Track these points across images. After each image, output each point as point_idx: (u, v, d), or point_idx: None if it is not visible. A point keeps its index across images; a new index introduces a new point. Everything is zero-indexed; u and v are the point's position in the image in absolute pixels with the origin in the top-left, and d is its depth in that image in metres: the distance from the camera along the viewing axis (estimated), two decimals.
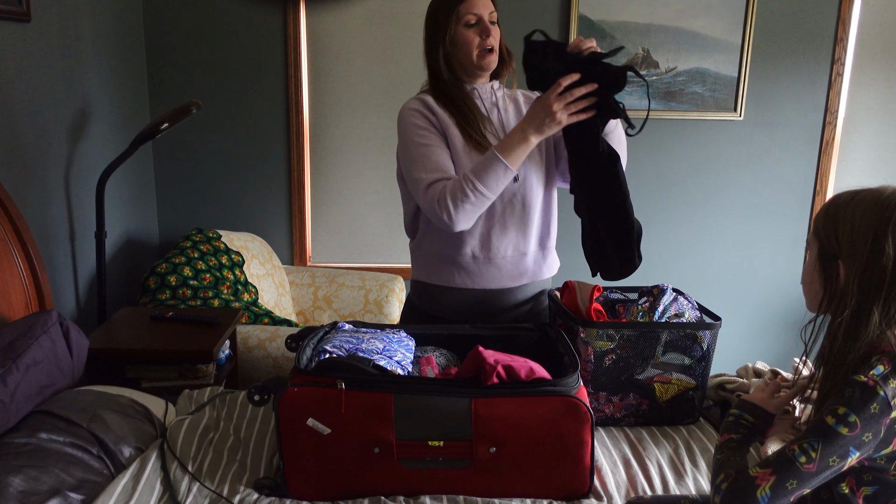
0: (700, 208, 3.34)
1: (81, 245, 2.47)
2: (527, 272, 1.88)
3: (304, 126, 3.13)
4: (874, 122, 3.30)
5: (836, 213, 1.15)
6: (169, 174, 3.15)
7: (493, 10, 1.74)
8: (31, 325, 1.67)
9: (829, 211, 1.17)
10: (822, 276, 1.18)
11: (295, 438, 1.44)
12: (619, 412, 1.79)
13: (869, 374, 1.08)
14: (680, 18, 3.11)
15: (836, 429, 1.07)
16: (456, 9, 1.71)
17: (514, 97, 1.90)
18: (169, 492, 1.46)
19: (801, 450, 1.08)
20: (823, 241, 1.17)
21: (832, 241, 1.15)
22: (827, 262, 1.17)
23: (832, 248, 1.15)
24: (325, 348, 1.57)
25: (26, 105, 2.13)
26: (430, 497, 1.46)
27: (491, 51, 1.74)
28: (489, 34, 1.71)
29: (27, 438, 1.46)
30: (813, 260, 1.20)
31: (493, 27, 1.74)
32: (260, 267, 2.94)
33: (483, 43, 1.72)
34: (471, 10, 1.70)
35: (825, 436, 1.07)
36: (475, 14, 1.71)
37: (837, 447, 1.06)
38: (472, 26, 1.72)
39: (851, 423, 1.06)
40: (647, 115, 1.77)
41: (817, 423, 1.09)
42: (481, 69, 1.76)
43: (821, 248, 1.18)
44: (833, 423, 1.07)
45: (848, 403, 1.07)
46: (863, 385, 1.07)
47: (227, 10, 3.01)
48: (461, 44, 1.73)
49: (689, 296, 1.88)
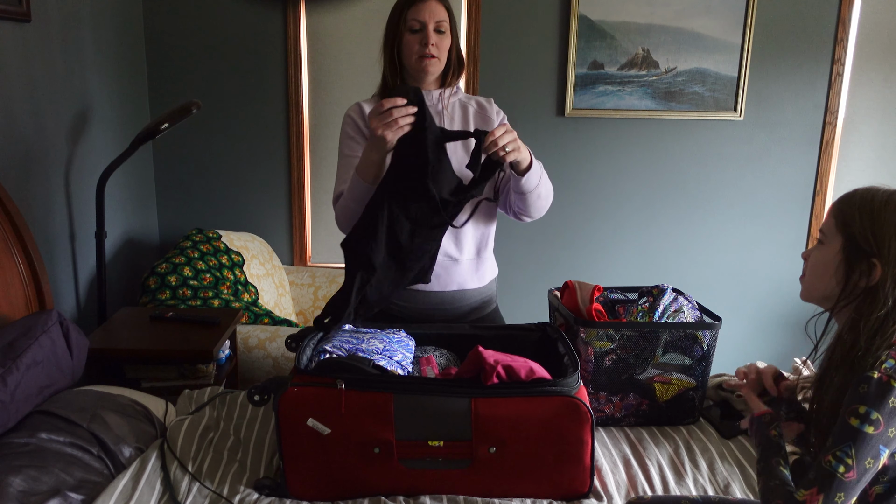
0: (700, 208, 3.34)
1: (81, 245, 2.47)
2: (457, 279, 1.86)
3: (304, 126, 3.13)
4: (874, 122, 3.30)
5: (874, 212, 1.15)
6: (169, 174, 3.15)
7: (442, 19, 1.77)
8: (31, 325, 1.67)
9: (864, 208, 1.16)
10: (845, 271, 1.17)
11: (295, 438, 1.44)
12: (620, 412, 1.79)
13: (882, 368, 1.08)
14: (680, 18, 3.11)
15: (862, 429, 1.07)
16: (404, 14, 1.76)
17: (466, 104, 1.90)
18: (169, 492, 1.46)
19: (837, 459, 1.07)
20: (857, 237, 1.16)
21: (867, 239, 1.14)
22: (856, 258, 1.16)
23: (867, 245, 1.14)
24: (325, 348, 1.57)
25: (26, 105, 2.13)
26: (430, 497, 1.46)
27: (431, 57, 1.76)
28: (428, 42, 1.75)
29: (27, 438, 1.46)
30: (833, 253, 1.19)
31: (440, 35, 1.77)
32: (260, 267, 2.94)
33: (420, 49, 1.75)
34: (415, 16, 1.74)
35: (854, 439, 1.07)
36: (419, 21, 1.74)
37: (869, 448, 1.06)
38: (415, 32, 1.76)
39: (875, 420, 1.06)
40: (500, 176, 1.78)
41: (842, 428, 1.09)
42: (420, 73, 1.79)
43: (850, 242, 1.17)
44: (858, 424, 1.07)
45: (865, 401, 1.07)
46: (877, 381, 1.07)
47: (227, 10, 3.01)
48: (404, 48, 1.78)
49: (689, 296, 1.88)
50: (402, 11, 1.76)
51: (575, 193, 3.28)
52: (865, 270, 1.15)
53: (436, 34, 1.76)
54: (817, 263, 1.23)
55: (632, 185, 3.29)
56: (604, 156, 3.25)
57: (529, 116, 3.17)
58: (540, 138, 3.20)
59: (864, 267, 1.15)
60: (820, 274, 1.22)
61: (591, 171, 3.26)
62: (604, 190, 3.29)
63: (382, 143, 1.56)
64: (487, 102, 1.93)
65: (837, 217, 1.20)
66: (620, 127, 3.22)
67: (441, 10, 1.77)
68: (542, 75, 3.14)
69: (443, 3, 1.78)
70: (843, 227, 1.18)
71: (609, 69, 3.14)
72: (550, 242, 3.33)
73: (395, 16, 1.78)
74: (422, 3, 1.75)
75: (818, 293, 1.23)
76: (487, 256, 1.92)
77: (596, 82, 3.15)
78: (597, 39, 3.10)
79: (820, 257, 1.22)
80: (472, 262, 1.87)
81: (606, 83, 3.15)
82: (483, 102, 1.93)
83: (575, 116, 3.18)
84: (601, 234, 3.34)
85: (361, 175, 1.66)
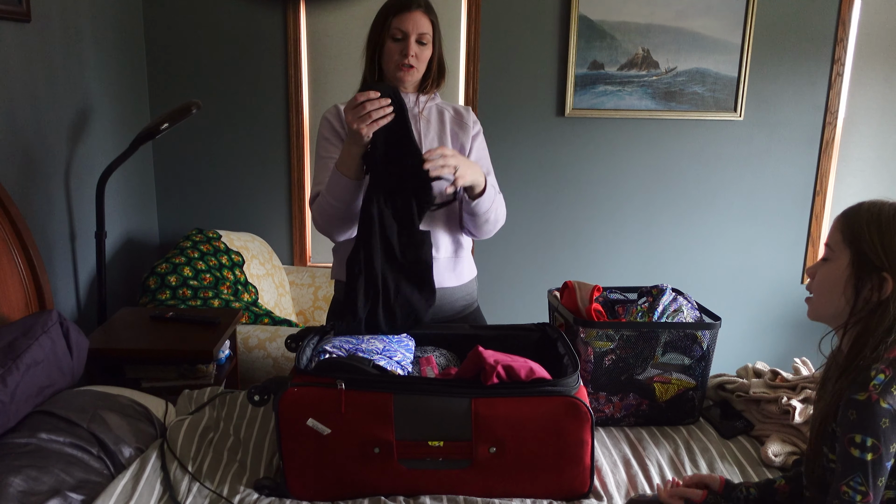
0: (700, 208, 3.34)
1: (81, 245, 2.47)
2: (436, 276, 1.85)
3: (304, 126, 3.13)
4: (874, 122, 3.30)
5: (883, 225, 1.14)
6: (169, 174, 3.15)
7: (425, 31, 1.78)
8: (31, 325, 1.67)
9: (872, 221, 1.15)
10: (855, 286, 1.16)
11: (295, 438, 1.44)
12: (619, 412, 1.79)
13: (870, 385, 1.09)
14: (680, 18, 3.11)
15: (863, 458, 1.08)
16: (389, 21, 1.78)
17: (443, 110, 1.92)
18: (169, 492, 1.46)
19: (853, 489, 1.09)
20: (867, 251, 1.15)
21: (877, 253, 1.14)
22: (866, 273, 1.15)
23: (877, 259, 1.14)
24: (325, 348, 1.57)
25: (26, 105, 2.13)
26: (430, 497, 1.46)
27: (409, 67, 1.78)
28: (408, 53, 1.76)
29: (27, 438, 1.46)
30: (842, 269, 1.18)
31: (421, 47, 1.79)
32: (260, 267, 2.94)
33: (399, 58, 1.78)
34: (399, 25, 1.76)
35: (861, 469, 1.09)
36: (402, 30, 1.76)
37: (877, 470, 1.08)
38: (397, 41, 1.78)
39: (872, 446, 1.08)
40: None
41: (846, 459, 1.10)
42: (396, 80, 1.81)
43: (859, 257, 1.16)
44: (859, 454, 1.09)
45: (857, 428, 1.08)
46: (864, 404, 1.08)
47: (227, 10, 3.01)
48: (385, 53, 1.80)
49: (688, 296, 1.88)
50: (388, 18, 1.78)
51: (575, 193, 3.28)
52: (876, 285, 1.14)
53: (417, 45, 1.78)
54: (825, 280, 1.21)
55: (632, 185, 3.29)
56: (604, 156, 3.25)
57: (529, 116, 3.17)
58: (540, 138, 3.20)
59: (875, 281, 1.14)
60: (828, 291, 1.20)
61: (591, 171, 3.26)
62: (604, 190, 3.29)
63: (358, 137, 1.59)
64: (465, 110, 1.95)
65: (844, 232, 1.18)
66: (620, 127, 3.22)
67: (425, 23, 1.78)
68: (542, 75, 3.14)
69: (428, 16, 1.79)
70: (852, 242, 1.17)
71: (609, 69, 3.14)
72: (550, 242, 3.33)
73: (381, 20, 1.80)
74: (407, 14, 1.76)
75: (828, 311, 1.21)
76: (464, 255, 1.93)
77: (596, 82, 3.15)
78: (597, 39, 3.10)
79: (828, 274, 1.20)
80: (450, 259, 1.88)
81: (606, 83, 3.15)
82: (461, 110, 1.95)
83: (575, 116, 3.18)
84: (601, 234, 3.34)
85: (342, 169, 1.67)
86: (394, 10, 1.77)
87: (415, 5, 1.77)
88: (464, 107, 1.96)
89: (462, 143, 1.90)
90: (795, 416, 1.70)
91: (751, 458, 1.66)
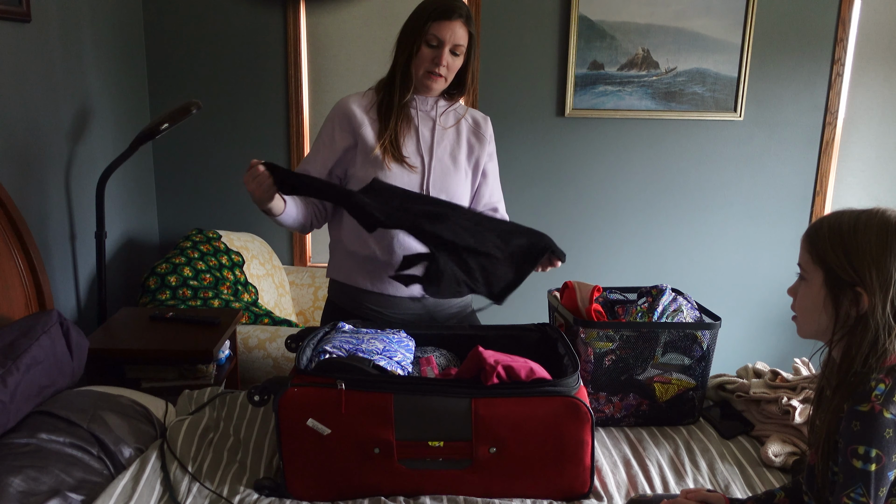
0: (700, 208, 3.34)
1: (81, 245, 2.47)
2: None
3: (304, 126, 3.13)
4: (874, 122, 3.30)
5: (844, 240, 1.14)
6: (169, 174, 3.15)
7: (461, 43, 1.75)
8: (31, 326, 1.67)
9: (834, 239, 1.15)
10: (832, 304, 1.16)
11: (295, 439, 1.44)
12: (619, 412, 1.79)
13: (871, 396, 1.09)
14: (680, 18, 3.11)
15: (866, 469, 1.08)
16: (426, 25, 1.74)
17: (462, 117, 1.91)
18: (169, 492, 1.46)
19: (854, 500, 1.09)
20: (835, 269, 1.15)
21: (845, 270, 1.14)
22: (840, 290, 1.15)
23: (847, 276, 1.14)
24: (325, 349, 1.57)
25: (26, 105, 2.13)
26: (430, 497, 1.46)
27: (438, 76, 1.77)
28: (440, 62, 1.74)
29: (27, 439, 1.46)
30: (817, 289, 1.18)
31: (453, 58, 1.77)
32: (260, 267, 2.94)
33: (431, 66, 1.75)
34: (437, 32, 1.73)
35: (863, 480, 1.08)
36: (439, 38, 1.73)
37: (878, 481, 1.08)
38: (432, 47, 1.75)
39: (875, 457, 1.07)
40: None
41: (848, 470, 1.10)
42: (422, 86, 1.80)
43: (830, 275, 1.16)
44: (861, 465, 1.08)
45: (861, 440, 1.08)
46: (867, 415, 1.08)
47: (227, 10, 3.01)
48: (417, 58, 1.76)
49: (688, 296, 1.88)
50: (427, 22, 1.73)
51: (575, 193, 3.28)
52: (853, 300, 1.14)
53: (450, 55, 1.75)
54: (804, 301, 1.22)
55: (631, 186, 3.29)
56: (604, 156, 3.25)
57: (529, 116, 3.17)
58: (540, 138, 3.20)
59: (851, 297, 1.14)
60: (810, 311, 1.21)
61: (590, 171, 3.26)
62: (603, 190, 3.29)
63: (255, 198, 1.66)
64: (484, 120, 1.93)
65: (812, 252, 1.19)
66: (620, 127, 3.22)
67: (463, 34, 1.75)
68: (542, 75, 3.14)
69: (467, 28, 1.75)
70: (820, 261, 1.17)
71: (609, 69, 3.14)
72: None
73: (419, 23, 1.75)
74: (447, 22, 1.72)
75: (813, 329, 1.22)
76: None
77: (596, 82, 3.15)
78: (597, 40, 3.10)
79: (806, 293, 1.21)
80: None
81: (606, 83, 3.15)
82: (479, 120, 1.93)
83: (575, 117, 3.18)
84: (601, 234, 3.34)
85: (274, 215, 1.74)
86: (434, 14, 1.73)
87: (456, 14, 1.73)
88: (482, 116, 1.93)
89: (477, 158, 1.89)
90: (795, 416, 1.70)
91: (751, 459, 1.67)
